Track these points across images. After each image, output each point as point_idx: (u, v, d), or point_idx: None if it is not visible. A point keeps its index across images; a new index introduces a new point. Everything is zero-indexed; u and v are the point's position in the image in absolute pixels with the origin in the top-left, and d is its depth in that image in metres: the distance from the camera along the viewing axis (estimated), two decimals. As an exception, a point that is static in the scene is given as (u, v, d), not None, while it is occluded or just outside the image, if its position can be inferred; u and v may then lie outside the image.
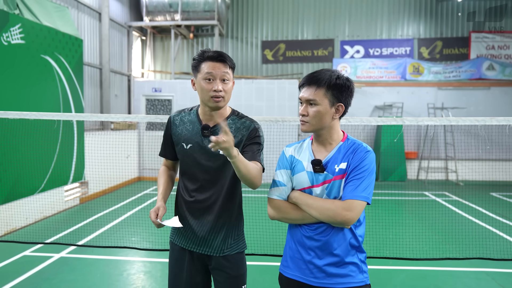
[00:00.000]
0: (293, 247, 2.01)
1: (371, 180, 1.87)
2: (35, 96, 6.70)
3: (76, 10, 9.34)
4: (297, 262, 1.98)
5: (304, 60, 13.22)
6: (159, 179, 2.37)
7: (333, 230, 1.90)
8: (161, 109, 11.66)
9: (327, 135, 1.96)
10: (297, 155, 2.04)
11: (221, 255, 2.23)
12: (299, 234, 1.98)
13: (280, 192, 2.01)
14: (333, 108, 1.92)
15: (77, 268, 4.80)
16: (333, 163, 1.91)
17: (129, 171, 10.79)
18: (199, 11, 11.94)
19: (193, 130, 2.23)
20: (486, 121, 3.48)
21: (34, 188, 6.71)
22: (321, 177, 1.92)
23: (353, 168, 1.86)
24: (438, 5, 12.92)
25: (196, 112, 2.28)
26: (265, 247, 5.06)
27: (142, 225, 6.72)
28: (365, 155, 1.88)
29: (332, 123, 1.94)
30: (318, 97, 1.90)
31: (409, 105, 12.30)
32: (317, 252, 1.92)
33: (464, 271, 4.74)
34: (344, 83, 1.90)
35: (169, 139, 2.33)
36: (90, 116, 3.98)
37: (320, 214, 1.87)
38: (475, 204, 8.49)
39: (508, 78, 12.39)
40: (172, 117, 2.34)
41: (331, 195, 1.90)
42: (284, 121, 3.79)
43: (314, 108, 1.92)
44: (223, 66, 2.12)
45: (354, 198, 1.82)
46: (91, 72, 10.07)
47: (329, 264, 1.90)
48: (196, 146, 2.20)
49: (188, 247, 2.26)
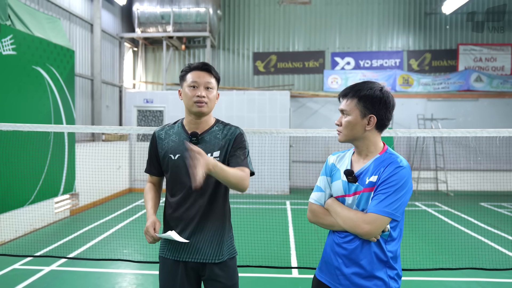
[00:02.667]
0: (327, 251, 2.07)
1: (400, 197, 1.84)
2: (26, 107, 6.66)
3: (68, 21, 9.34)
4: (328, 266, 2.04)
5: (295, 71, 13.33)
6: (146, 195, 2.39)
7: (360, 241, 1.91)
8: (152, 120, 11.63)
9: (363, 146, 1.98)
10: (338, 163, 2.08)
11: (215, 262, 2.26)
12: (332, 241, 2.04)
13: (318, 197, 2.08)
14: (365, 119, 1.93)
15: (68, 281, 4.74)
16: (365, 175, 1.93)
17: (120, 183, 10.72)
18: (191, 22, 12.00)
19: (179, 141, 2.29)
20: (477, 132, 3.54)
21: (24, 200, 6.63)
22: (353, 188, 1.95)
23: (382, 182, 1.86)
24: (427, 18, 13.15)
25: (181, 124, 2.36)
26: (254, 258, 5.04)
27: (133, 237, 6.67)
28: (396, 170, 1.86)
29: (366, 135, 1.95)
30: (349, 107, 1.94)
31: (399, 116, 12.43)
32: (344, 260, 1.95)
33: (456, 281, 4.77)
34: (375, 94, 1.91)
35: (154, 155, 2.37)
36: (84, 128, 3.97)
37: (343, 223, 1.92)
38: (465, 214, 8.56)
39: (496, 89, 12.61)
40: (157, 132, 2.39)
41: (360, 207, 1.92)
42: (278, 132, 3.82)
43: (346, 118, 1.97)
44: (208, 76, 2.26)
45: (376, 212, 1.83)
46: (82, 83, 10.05)
47: (355, 274, 1.92)
48: (185, 155, 2.23)
49: (182, 258, 2.27)
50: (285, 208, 9.17)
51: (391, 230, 1.90)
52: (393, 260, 1.93)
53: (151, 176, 2.44)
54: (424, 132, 3.78)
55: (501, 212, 8.96)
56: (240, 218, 6.74)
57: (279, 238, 6.37)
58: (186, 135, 2.29)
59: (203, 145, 2.26)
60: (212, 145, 2.26)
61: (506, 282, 4.76)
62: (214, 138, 2.28)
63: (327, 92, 12.91)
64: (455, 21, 13.09)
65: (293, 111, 12.52)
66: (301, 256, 5.67)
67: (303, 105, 12.81)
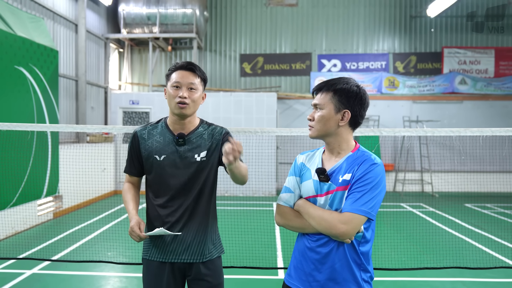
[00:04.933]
0: (297, 257, 1.98)
1: (375, 195, 1.78)
2: (8, 107, 6.53)
3: (52, 21, 9.21)
4: (299, 272, 1.94)
5: (282, 73, 13.34)
6: (126, 196, 2.33)
7: (334, 243, 1.83)
8: (138, 122, 11.53)
9: (335, 143, 1.91)
10: (308, 163, 2.00)
11: (202, 261, 2.24)
12: (303, 245, 1.94)
13: (287, 199, 1.99)
14: (339, 114, 1.86)
15: (50, 284, 4.64)
16: (338, 173, 1.85)
17: (105, 185, 10.58)
18: (177, 24, 11.94)
19: (164, 141, 2.25)
20: (461, 132, 3.57)
21: (6, 203, 6.49)
22: (325, 187, 1.87)
23: (356, 180, 1.79)
24: (412, 21, 13.28)
25: (165, 124, 2.31)
26: (240, 259, 5.01)
27: (118, 239, 6.58)
28: (371, 167, 1.80)
29: (339, 131, 1.89)
30: (324, 101, 1.88)
31: (385, 118, 12.52)
32: (317, 265, 1.86)
33: (441, 281, 4.79)
34: (352, 89, 1.86)
35: (136, 155, 2.31)
36: (65, 127, 3.89)
37: (317, 224, 1.83)
38: (450, 215, 8.64)
39: (480, 92, 12.78)
40: (138, 131, 2.32)
41: (333, 206, 1.84)
42: (263, 131, 3.80)
43: (319, 112, 1.89)
44: (192, 75, 2.21)
45: (352, 211, 1.75)
46: (66, 84, 9.91)
47: (328, 279, 1.84)
48: (171, 156, 2.22)
49: (168, 259, 2.23)
50: (271, 210, 9.16)
51: (364, 231, 1.84)
52: (367, 262, 1.88)
53: (130, 176, 2.38)
54: (409, 131, 3.79)
55: (485, 213, 9.07)
56: (227, 220, 6.70)
57: (265, 240, 6.34)
58: (171, 136, 2.25)
59: (189, 146, 2.24)
60: (198, 146, 2.24)
61: (490, 282, 4.80)
62: (200, 138, 2.26)
63: (314, 94, 12.92)
64: (439, 24, 13.25)
65: (280, 113, 12.52)
66: (287, 257, 5.65)
67: (290, 107, 12.83)
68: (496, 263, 5.48)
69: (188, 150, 2.23)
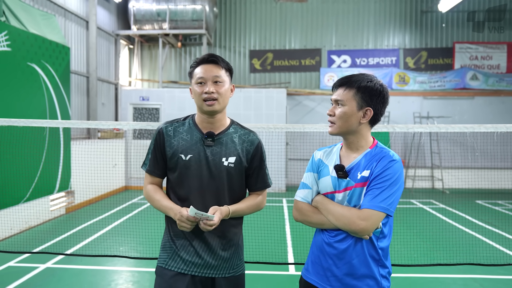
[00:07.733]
0: (315, 252, 1.98)
1: (394, 191, 1.78)
2: (21, 104, 6.61)
3: (63, 18, 9.28)
4: (316, 267, 1.95)
5: (292, 69, 13.31)
6: (156, 195, 2.10)
7: (352, 239, 1.83)
8: (148, 118, 11.59)
9: (354, 140, 1.91)
10: (325, 159, 2.00)
11: (226, 276, 2.09)
12: (321, 240, 1.95)
13: (305, 195, 1.99)
14: (361, 112, 1.86)
15: (63, 278, 4.71)
16: (356, 169, 1.86)
17: (116, 180, 10.67)
18: (187, 20, 11.96)
19: (192, 140, 2.08)
20: (475, 128, 3.54)
21: (19, 198, 6.58)
22: (343, 183, 1.87)
23: (375, 176, 1.80)
24: (423, 16, 13.16)
25: (193, 121, 2.15)
26: (251, 255, 5.03)
27: (129, 234, 6.64)
28: (389, 164, 1.80)
29: (359, 128, 1.89)
30: (346, 97, 1.86)
31: (396, 114, 12.44)
32: (335, 260, 1.87)
33: (452, 278, 4.78)
34: (376, 87, 1.85)
35: (160, 153, 2.11)
36: (80, 123, 3.94)
37: (336, 220, 1.83)
38: (461, 211, 8.59)
39: (491, 88, 12.64)
40: (164, 128, 2.12)
41: (352, 203, 1.84)
42: (276, 128, 3.80)
43: (340, 108, 1.88)
44: (216, 68, 2.04)
45: (371, 207, 1.76)
46: (78, 80, 9.99)
47: (346, 274, 1.84)
48: (197, 156, 2.05)
49: (190, 271, 2.04)
50: (281, 206, 9.17)
51: (382, 227, 1.85)
52: (385, 258, 1.88)
53: (152, 177, 2.15)
54: (422, 127, 3.77)
55: (496, 210, 9.00)
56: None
57: (276, 235, 6.36)
58: (200, 135, 2.08)
59: (219, 147, 2.08)
60: (227, 149, 2.08)
61: (502, 279, 4.77)
62: (231, 141, 2.10)
63: (324, 90, 12.90)
64: (451, 19, 13.12)
65: (289, 109, 12.51)
66: (298, 253, 5.67)
67: (299, 103, 12.80)
68: (508, 260, 5.45)
69: (216, 152, 2.06)
